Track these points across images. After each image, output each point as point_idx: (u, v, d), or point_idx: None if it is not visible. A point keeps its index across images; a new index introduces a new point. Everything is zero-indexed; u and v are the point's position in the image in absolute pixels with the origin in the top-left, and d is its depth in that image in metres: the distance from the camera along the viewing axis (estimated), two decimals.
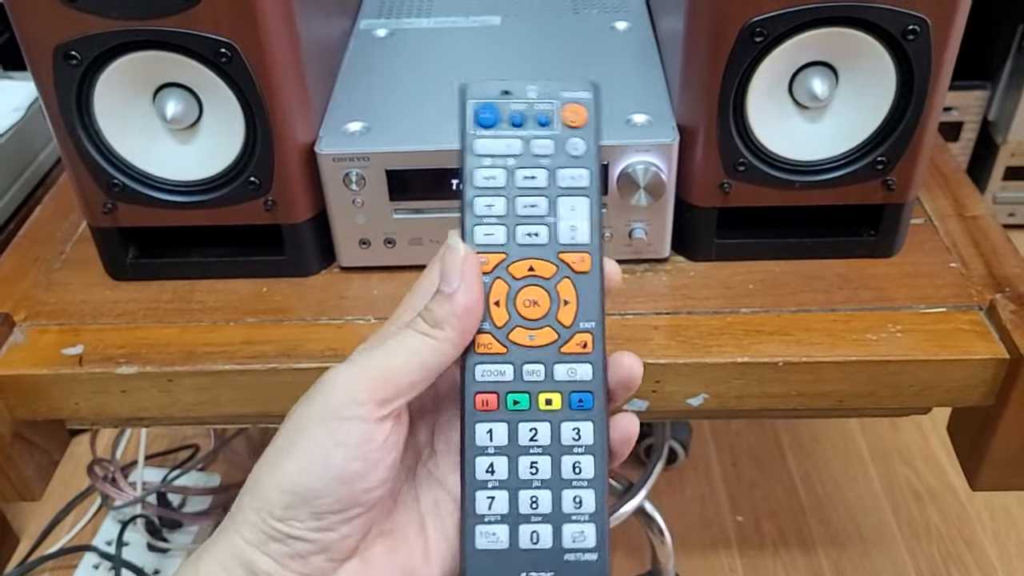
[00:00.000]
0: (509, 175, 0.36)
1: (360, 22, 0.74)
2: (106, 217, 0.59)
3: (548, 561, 0.35)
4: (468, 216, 0.36)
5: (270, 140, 0.55)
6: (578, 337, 0.36)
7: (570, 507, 0.35)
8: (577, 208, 0.36)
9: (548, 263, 0.36)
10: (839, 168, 0.58)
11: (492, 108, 0.37)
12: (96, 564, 1.01)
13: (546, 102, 0.37)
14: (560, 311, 0.36)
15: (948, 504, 1.10)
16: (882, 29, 0.53)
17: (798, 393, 0.56)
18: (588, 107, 0.37)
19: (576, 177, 0.37)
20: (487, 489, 0.35)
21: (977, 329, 0.56)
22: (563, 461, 0.35)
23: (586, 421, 0.36)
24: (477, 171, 0.37)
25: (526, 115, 0.37)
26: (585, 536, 0.35)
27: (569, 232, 0.36)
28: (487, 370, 0.36)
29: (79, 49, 0.52)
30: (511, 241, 0.36)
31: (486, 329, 0.36)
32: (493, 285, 0.36)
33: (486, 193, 0.36)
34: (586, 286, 0.36)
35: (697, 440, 1.19)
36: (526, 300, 0.36)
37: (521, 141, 0.37)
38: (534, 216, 0.36)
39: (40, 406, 0.57)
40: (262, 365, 0.55)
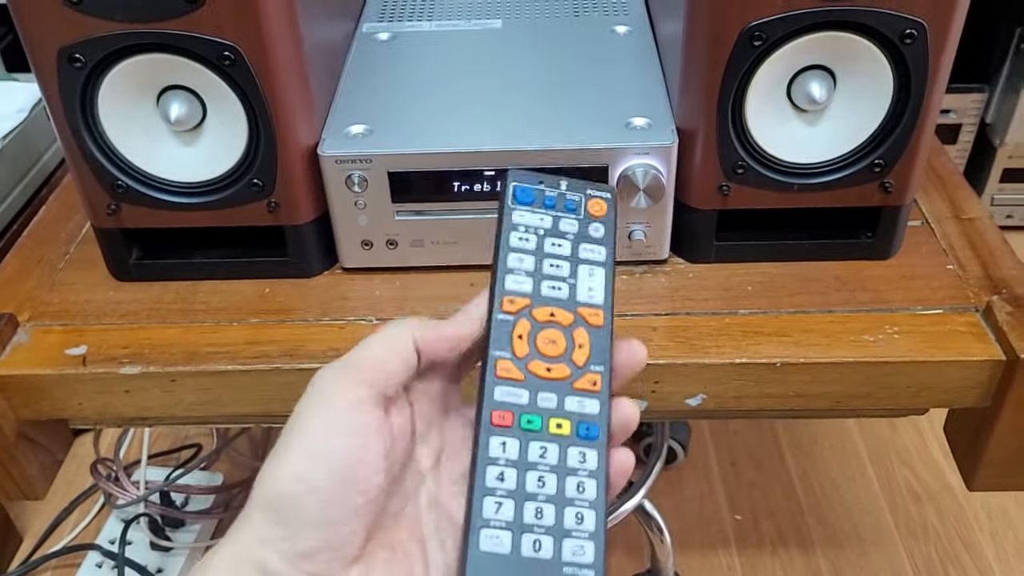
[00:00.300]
0: (539, 241, 0.42)
1: (362, 25, 0.74)
2: (110, 218, 0.59)
3: (546, 572, 0.36)
4: (500, 269, 0.41)
5: (273, 142, 0.56)
6: (589, 376, 0.39)
7: (572, 523, 0.37)
8: (595, 275, 0.42)
9: (567, 312, 0.40)
10: (837, 171, 0.58)
11: (529, 190, 0.43)
12: (99, 563, 1.01)
13: (574, 193, 0.43)
14: (575, 352, 0.40)
15: (946, 504, 1.11)
16: (879, 33, 0.53)
17: (796, 394, 0.56)
18: (608, 203, 0.43)
19: (595, 252, 0.42)
20: (495, 496, 0.37)
21: (974, 331, 0.57)
22: (568, 481, 0.38)
23: (591, 449, 0.38)
24: (512, 234, 0.42)
25: (557, 201, 0.43)
26: (584, 552, 0.37)
27: (587, 292, 0.41)
28: (505, 391, 0.39)
29: (83, 51, 0.53)
30: (536, 292, 0.41)
31: (507, 357, 0.39)
32: (518, 322, 0.40)
33: (518, 251, 0.42)
34: (598, 337, 0.40)
35: (696, 440, 1.19)
36: (546, 339, 0.40)
37: (551, 218, 0.43)
38: (557, 276, 0.41)
39: (44, 406, 0.58)
40: (265, 365, 0.56)
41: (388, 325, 0.39)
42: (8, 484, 0.60)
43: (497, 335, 0.40)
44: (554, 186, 0.43)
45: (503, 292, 0.41)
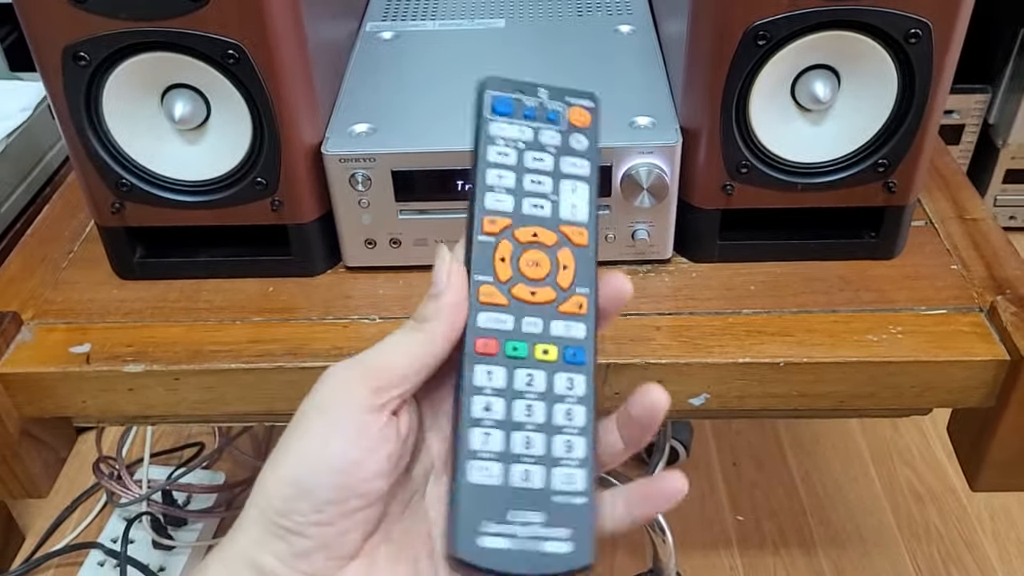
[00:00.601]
0: (519, 155, 0.40)
1: (366, 24, 0.74)
2: (114, 217, 0.59)
3: (537, 501, 0.36)
4: (479, 185, 0.39)
5: (277, 141, 0.56)
6: (575, 299, 0.38)
7: (561, 451, 0.36)
8: (578, 191, 0.40)
9: (550, 232, 0.39)
10: (841, 170, 0.58)
11: (508, 100, 0.40)
12: (101, 561, 1.02)
13: (555, 103, 0.41)
14: (559, 274, 0.38)
15: (948, 505, 1.10)
16: (884, 32, 0.53)
17: (799, 393, 0.56)
18: (591, 112, 0.41)
19: (578, 165, 0.40)
20: (483, 427, 0.36)
21: (978, 331, 0.57)
22: (556, 408, 0.37)
23: (579, 374, 0.37)
24: (490, 147, 0.40)
25: (537, 111, 0.41)
26: (575, 480, 0.36)
27: (570, 209, 0.39)
28: (489, 317, 0.38)
29: (88, 50, 0.53)
30: (518, 210, 0.39)
31: (489, 282, 0.38)
32: (499, 244, 0.38)
33: (498, 167, 0.39)
34: (583, 257, 0.39)
35: (698, 440, 1.19)
36: (529, 261, 0.38)
37: (531, 130, 0.40)
38: (539, 193, 0.39)
39: (47, 404, 0.58)
40: (268, 364, 0.56)
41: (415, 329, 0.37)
42: (12, 482, 0.60)
43: (479, 258, 0.38)
44: (533, 95, 0.41)
45: (483, 211, 0.39)
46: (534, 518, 0.35)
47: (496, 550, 0.35)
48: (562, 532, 0.35)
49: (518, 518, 0.35)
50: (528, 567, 0.35)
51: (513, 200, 0.39)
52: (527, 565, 0.35)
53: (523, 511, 0.35)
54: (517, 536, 0.35)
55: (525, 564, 0.35)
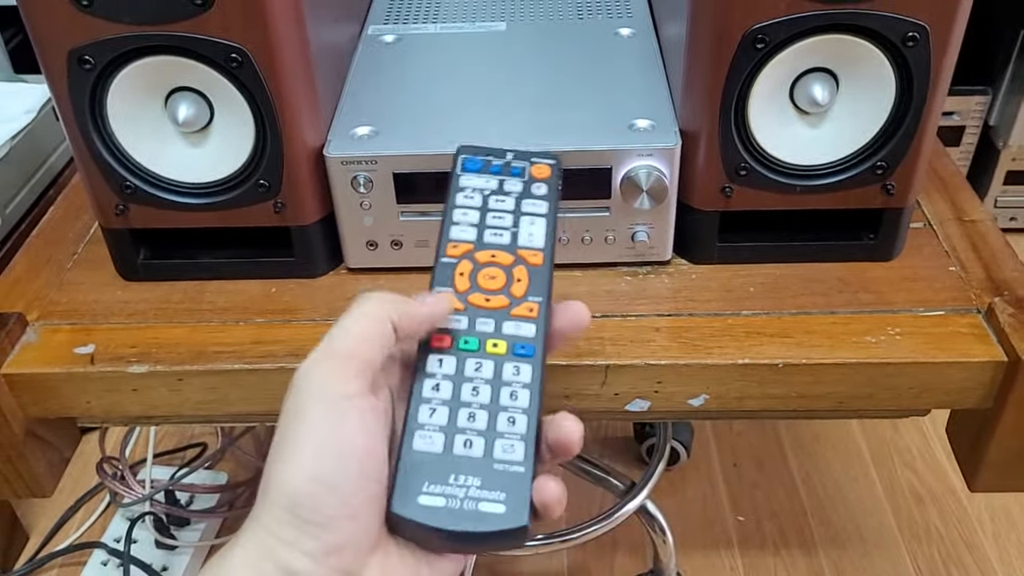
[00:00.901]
0: (484, 199, 0.45)
1: (368, 27, 0.75)
2: (118, 218, 0.60)
3: (477, 468, 0.38)
4: (446, 224, 0.44)
5: (280, 143, 0.56)
6: (526, 304, 0.42)
7: (504, 426, 0.39)
8: (535, 224, 0.44)
9: (507, 254, 0.43)
10: (839, 173, 0.59)
11: (476, 161, 0.47)
12: (104, 561, 1.02)
13: (520, 162, 0.47)
14: (514, 286, 0.42)
15: (949, 506, 1.11)
16: (882, 36, 0.54)
17: (798, 394, 0.57)
18: (553, 168, 0.46)
19: (537, 205, 0.45)
20: (430, 404, 0.39)
21: (975, 332, 0.57)
22: (502, 390, 0.40)
23: (526, 363, 0.41)
24: (459, 194, 0.45)
25: (503, 168, 0.46)
26: (515, 449, 0.39)
27: (527, 237, 0.44)
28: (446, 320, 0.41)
29: (93, 54, 0.53)
30: (479, 239, 0.44)
31: (448, 291, 0.42)
32: (460, 263, 0.43)
33: (462, 207, 0.45)
34: (537, 273, 0.43)
35: (699, 440, 1.19)
36: (486, 276, 0.43)
37: (497, 181, 0.46)
38: (499, 226, 0.44)
39: (52, 404, 0.58)
40: (271, 364, 0.56)
41: (361, 301, 0.39)
42: (16, 481, 0.60)
43: (439, 273, 0.42)
44: (501, 156, 0.47)
45: (447, 240, 0.44)
46: (472, 481, 0.38)
47: (432, 507, 0.37)
48: (498, 495, 0.37)
49: (458, 481, 0.38)
50: (462, 524, 0.37)
51: (476, 231, 0.44)
52: (462, 522, 0.37)
53: (463, 475, 0.38)
54: (455, 497, 0.37)
55: (460, 521, 0.37)
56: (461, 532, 0.37)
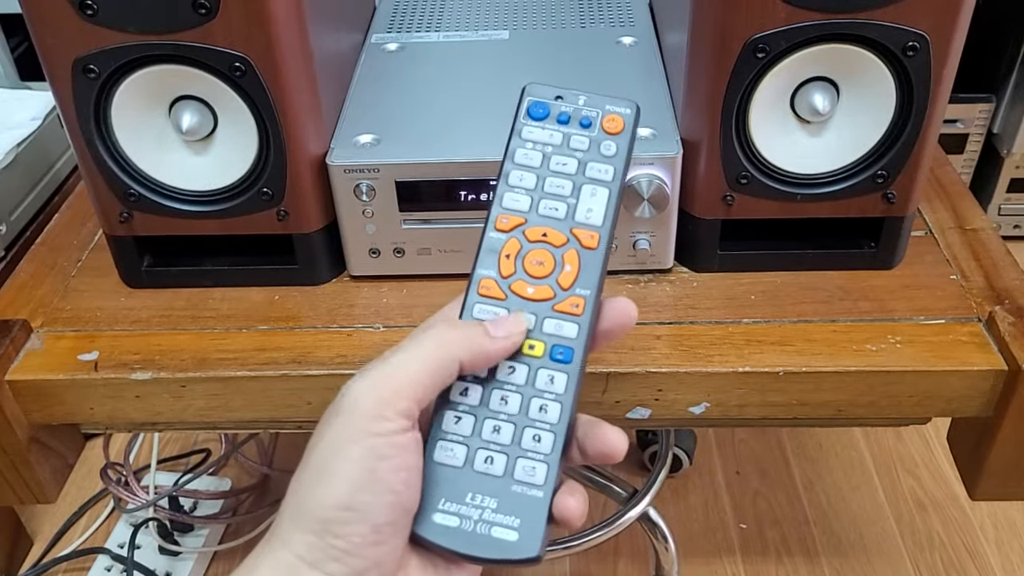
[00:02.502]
0: (545, 159, 0.41)
1: (371, 36, 0.75)
2: (122, 226, 0.60)
3: (495, 488, 0.37)
4: (501, 185, 0.41)
5: (283, 151, 0.57)
6: (572, 299, 0.39)
7: (529, 443, 0.38)
8: (597, 195, 0.41)
9: (560, 233, 0.40)
10: (840, 181, 0.59)
11: (544, 105, 0.42)
12: (108, 567, 1.02)
13: (591, 109, 0.42)
14: (561, 275, 0.40)
15: (951, 514, 1.10)
16: (882, 45, 0.54)
17: (799, 402, 0.57)
18: (626, 120, 0.42)
19: (602, 171, 0.41)
20: (456, 410, 0.38)
21: (976, 341, 0.57)
22: (532, 402, 0.38)
23: (562, 372, 0.38)
24: (519, 150, 0.41)
25: (571, 116, 0.42)
26: (535, 473, 0.37)
27: (585, 213, 0.40)
28: (483, 310, 0.39)
29: (97, 62, 0.54)
30: (533, 210, 0.40)
31: (491, 276, 0.39)
32: (508, 241, 0.40)
33: (521, 168, 0.41)
34: (590, 260, 0.40)
35: (701, 448, 1.19)
36: (534, 260, 0.40)
37: (562, 135, 0.42)
38: (557, 195, 0.41)
39: (56, 410, 0.58)
40: (273, 372, 0.57)
41: (427, 336, 0.37)
42: (20, 488, 0.60)
43: (485, 252, 0.40)
44: (572, 101, 0.42)
45: (499, 209, 0.41)
46: (489, 503, 0.37)
47: (446, 527, 0.36)
48: (513, 520, 0.36)
49: (474, 501, 0.37)
50: (473, 549, 0.36)
51: (530, 200, 0.41)
52: (473, 547, 0.36)
53: (480, 495, 0.37)
54: (469, 518, 0.36)
55: (471, 545, 0.36)
56: (472, 556, 0.36)
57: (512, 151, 0.41)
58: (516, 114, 0.42)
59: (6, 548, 1.04)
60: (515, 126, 0.42)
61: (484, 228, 0.40)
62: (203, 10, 0.52)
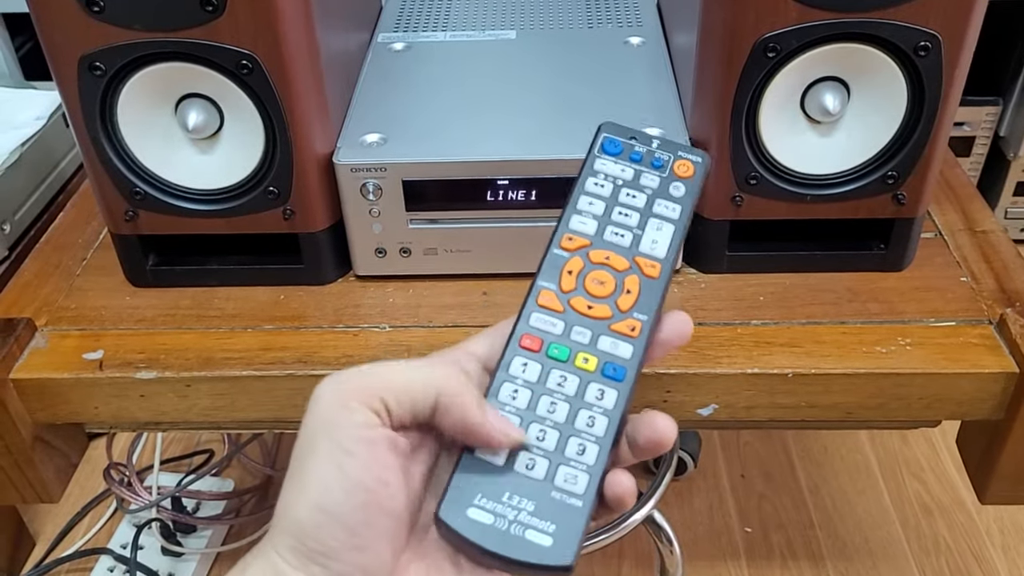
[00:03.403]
0: (615, 190, 0.42)
1: (377, 35, 0.75)
2: (127, 225, 0.60)
3: (534, 491, 0.37)
4: (569, 209, 0.41)
5: (289, 150, 0.57)
6: (630, 321, 0.39)
7: (572, 452, 0.37)
8: (663, 230, 0.41)
9: (623, 259, 0.40)
10: (850, 182, 0.58)
11: (617, 143, 0.43)
12: (111, 567, 1.02)
13: (664, 153, 0.43)
14: (621, 297, 0.40)
15: (958, 518, 1.10)
16: (894, 45, 0.54)
17: (807, 404, 0.56)
18: (697, 168, 0.42)
19: (670, 208, 0.41)
20: (504, 410, 0.38)
21: (987, 343, 0.57)
22: (580, 412, 0.38)
23: (612, 388, 0.38)
24: (589, 179, 0.42)
25: (644, 157, 0.43)
26: (577, 481, 0.37)
27: (650, 244, 0.41)
28: (541, 319, 0.39)
29: (103, 60, 0.54)
30: (599, 236, 0.41)
31: (552, 289, 0.40)
32: (571, 259, 0.40)
33: (591, 196, 0.42)
34: (650, 287, 0.40)
35: (706, 451, 1.19)
36: (595, 279, 0.40)
37: (633, 171, 0.42)
38: (624, 224, 0.41)
39: (60, 409, 0.58)
40: (279, 371, 0.56)
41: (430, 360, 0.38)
42: (24, 487, 0.60)
43: (548, 267, 0.40)
44: (645, 143, 0.43)
45: (565, 230, 0.41)
46: (526, 505, 0.36)
47: (479, 523, 0.36)
48: (548, 525, 0.36)
49: (511, 501, 0.36)
50: (505, 548, 0.36)
51: (597, 225, 0.41)
52: (505, 546, 0.36)
53: (518, 496, 0.36)
54: (505, 517, 0.36)
55: (503, 544, 0.36)
56: (502, 556, 0.36)
57: (583, 181, 0.42)
58: (590, 148, 0.43)
59: (8, 548, 1.04)
60: (588, 159, 0.42)
61: (548, 246, 0.41)
62: (210, 7, 0.51)
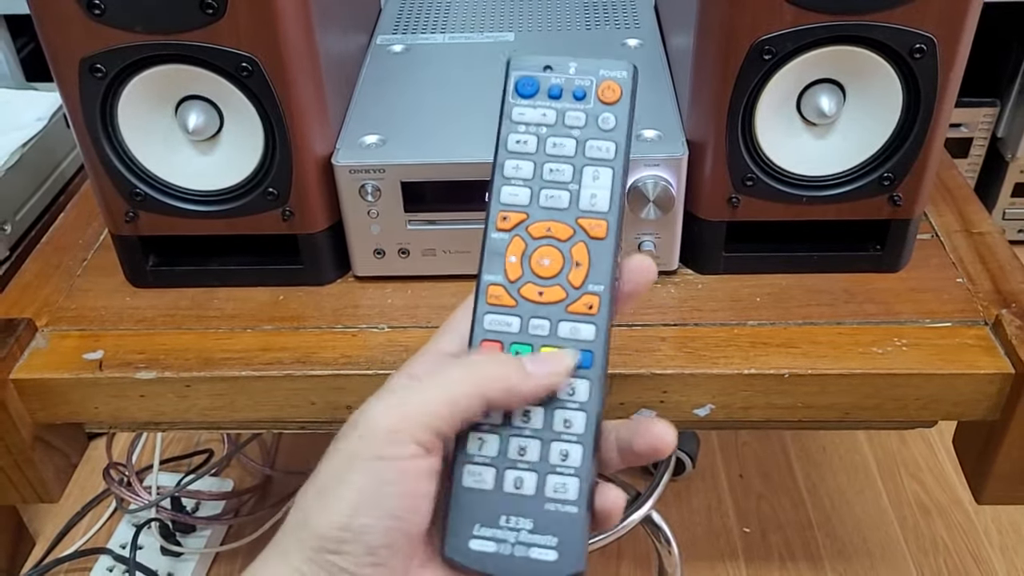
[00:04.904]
0: (540, 142, 0.38)
1: (376, 37, 0.75)
2: (128, 225, 0.60)
3: (529, 508, 0.36)
4: (497, 176, 0.38)
5: (288, 152, 0.57)
6: (585, 298, 0.37)
7: (556, 459, 0.36)
8: (600, 177, 0.38)
9: (566, 226, 0.38)
10: (846, 183, 0.59)
11: (532, 80, 0.39)
12: (110, 567, 1.02)
13: (584, 78, 0.39)
14: (571, 272, 0.38)
15: (956, 518, 1.10)
16: (889, 48, 0.54)
17: (804, 405, 0.57)
18: (624, 85, 0.39)
19: (603, 149, 0.38)
20: (480, 432, 0.37)
21: (983, 344, 0.57)
22: (556, 415, 0.37)
23: (583, 380, 0.37)
24: (511, 136, 0.39)
25: (564, 88, 0.39)
26: (567, 488, 0.36)
27: (589, 200, 0.38)
28: (495, 320, 0.37)
29: (104, 62, 0.54)
30: (534, 203, 0.38)
31: (499, 282, 0.38)
32: (512, 241, 0.38)
33: (516, 156, 0.38)
34: (599, 251, 0.38)
35: (704, 451, 1.19)
36: (540, 258, 0.38)
37: (555, 112, 0.39)
38: (558, 182, 0.38)
39: (60, 409, 0.58)
40: (278, 372, 0.56)
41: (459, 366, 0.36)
42: (24, 487, 0.60)
43: (489, 255, 0.38)
44: (562, 70, 0.39)
45: (498, 206, 0.38)
46: (524, 524, 0.36)
47: (484, 553, 0.35)
48: (550, 540, 0.36)
49: (508, 523, 0.36)
50: (515, 572, 0.35)
51: (529, 192, 0.38)
52: (514, 570, 0.35)
53: (514, 516, 0.36)
54: (506, 541, 0.36)
55: (512, 569, 0.35)
56: None
57: (504, 138, 0.38)
58: (504, 93, 0.39)
59: (8, 548, 1.04)
60: (504, 108, 0.39)
61: (485, 228, 0.38)
62: (210, 10, 0.52)
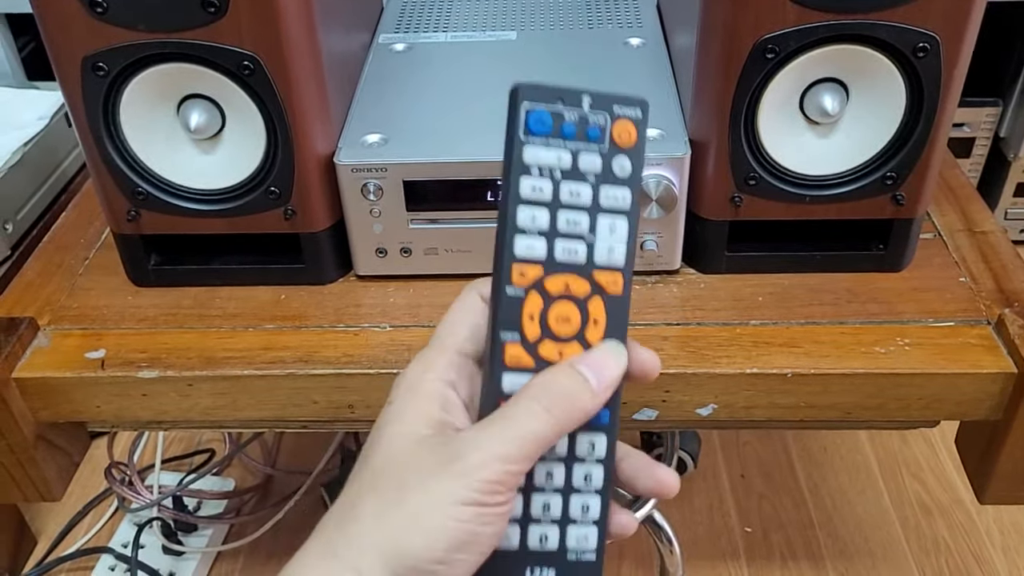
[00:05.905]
0: (555, 188, 0.36)
1: (379, 36, 0.75)
2: (130, 224, 0.60)
3: (552, 561, 0.38)
4: (509, 226, 0.36)
5: (290, 151, 0.57)
6: None
7: (577, 512, 0.38)
8: (616, 229, 0.37)
9: (583, 280, 0.37)
10: (849, 183, 0.59)
11: (545, 115, 0.36)
12: (112, 566, 1.02)
13: (599, 114, 0.37)
14: (589, 329, 0.37)
15: (957, 518, 1.10)
16: (892, 46, 0.54)
17: (806, 404, 0.57)
18: (638, 126, 0.37)
19: (619, 198, 0.37)
20: None
21: (985, 343, 0.57)
22: (575, 470, 0.38)
23: (600, 435, 0.38)
24: (523, 179, 0.36)
25: (577, 127, 0.36)
26: (588, 539, 0.38)
27: (607, 253, 0.37)
28: (513, 381, 0.36)
29: (106, 61, 0.54)
30: (550, 256, 0.36)
31: (516, 341, 0.36)
32: (528, 298, 0.36)
33: (531, 205, 0.36)
34: (615, 307, 0.37)
35: (706, 451, 1.19)
36: (558, 316, 0.36)
37: (570, 154, 0.36)
38: (575, 234, 0.36)
39: (63, 408, 0.58)
40: (280, 371, 0.56)
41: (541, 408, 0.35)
42: (26, 485, 0.60)
43: (505, 312, 0.36)
44: (575, 104, 0.36)
45: (512, 258, 0.36)
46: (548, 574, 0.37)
47: None
48: None
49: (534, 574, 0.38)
50: None
51: (546, 244, 0.36)
52: None
53: (539, 567, 0.37)
54: None
55: None
56: None
57: (515, 180, 0.35)
58: (512, 126, 0.36)
59: (10, 547, 1.04)
60: (514, 144, 0.36)
61: (498, 280, 0.36)
62: (212, 9, 0.52)
